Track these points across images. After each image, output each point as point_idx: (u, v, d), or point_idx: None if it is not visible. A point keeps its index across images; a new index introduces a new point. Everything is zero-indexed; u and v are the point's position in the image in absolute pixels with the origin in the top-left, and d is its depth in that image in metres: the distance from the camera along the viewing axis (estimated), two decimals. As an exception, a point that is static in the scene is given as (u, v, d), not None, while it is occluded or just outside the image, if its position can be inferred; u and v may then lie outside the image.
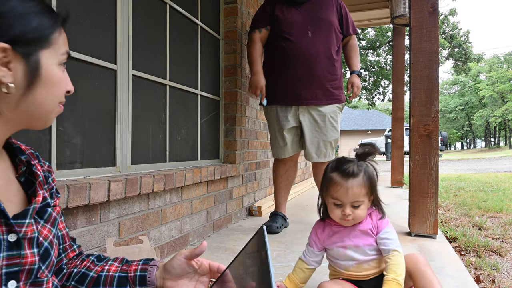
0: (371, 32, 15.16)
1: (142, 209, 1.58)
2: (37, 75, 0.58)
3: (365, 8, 4.72)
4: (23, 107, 0.59)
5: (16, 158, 0.67)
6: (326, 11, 2.23)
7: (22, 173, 0.67)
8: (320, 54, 2.17)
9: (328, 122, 2.24)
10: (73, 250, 0.80)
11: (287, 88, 2.22)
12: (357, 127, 30.91)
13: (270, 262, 0.56)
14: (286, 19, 2.21)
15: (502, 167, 10.88)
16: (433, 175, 2.07)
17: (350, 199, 1.09)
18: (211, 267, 0.79)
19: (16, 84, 0.56)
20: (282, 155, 2.35)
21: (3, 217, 0.56)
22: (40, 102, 0.60)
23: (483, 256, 2.12)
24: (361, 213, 1.11)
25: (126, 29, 1.59)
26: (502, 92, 38.90)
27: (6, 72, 0.55)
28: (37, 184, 0.67)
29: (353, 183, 1.08)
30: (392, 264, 1.06)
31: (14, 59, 0.55)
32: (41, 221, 0.65)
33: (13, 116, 0.59)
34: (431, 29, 2.09)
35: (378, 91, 15.98)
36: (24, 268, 0.58)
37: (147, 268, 0.78)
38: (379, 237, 1.12)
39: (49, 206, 0.69)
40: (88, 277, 0.76)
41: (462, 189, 5.16)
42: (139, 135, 1.70)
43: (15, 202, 0.63)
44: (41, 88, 0.59)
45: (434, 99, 2.07)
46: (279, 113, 2.28)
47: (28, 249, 0.59)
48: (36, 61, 0.58)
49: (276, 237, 2.15)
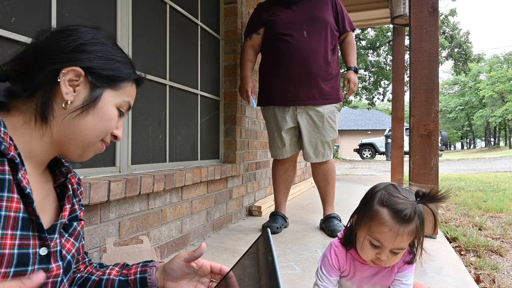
0: (371, 32, 15.16)
1: (142, 209, 1.58)
2: (94, 104, 0.65)
3: (365, 8, 4.72)
4: (70, 126, 0.63)
5: (56, 169, 0.71)
6: (321, 10, 2.22)
7: (60, 184, 0.71)
8: (316, 53, 2.16)
9: (326, 123, 2.23)
10: (84, 263, 0.82)
11: (284, 88, 2.22)
12: (357, 127, 30.92)
13: (278, 268, 0.54)
14: (281, 20, 2.21)
15: (502, 167, 10.88)
16: (433, 175, 2.07)
17: (394, 245, 0.88)
18: (213, 268, 0.79)
19: (73, 103, 0.63)
20: (280, 156, 2.35)
21: (38, 231, 0.58)
22: (85, 128, 0.65)
23: (483, 256, 2.12)
24: (397, 260, 0.93)
25: (126, 29, 1.59)
26: (502, 92, 38.90)
27: (71, 92, 0.63)
28: (66, 198, 0.70)
29: (405, 230, 0.87)
30: None
31: (82, 85, 0.64)
32: (66, 234, 0.68)
33: (58, 133, 0.63)
34: (431, 29, 2.09)
35: (378, 91, 15.97)
36: (48, 281, 0.60)
37: (146, 270, 0.78)
38: (397, 277, 0.98)
39: (76, 219, 0.72)
40: (90, 281, 0.78)
41: (462, 189, 5.16)
42: (139, 135, 1.70)
43: (49, 212, 0.67)
44: (92, 116, 0.65)
45: (434, 99, 2.07)
46: (277, 114, 2.28)
47: (54, 262, 0.61)
48: (99, 94, 0.65)
49: (276, 237, 2.15)
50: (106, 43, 0.67)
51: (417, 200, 0.90)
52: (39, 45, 0.63)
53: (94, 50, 0.65)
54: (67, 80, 0.62)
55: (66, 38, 0.63)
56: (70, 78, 0.62)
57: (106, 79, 0.66)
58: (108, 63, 0.66)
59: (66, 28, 0.66)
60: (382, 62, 15.24)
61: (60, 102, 0.62)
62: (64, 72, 0.61)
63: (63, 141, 0.65)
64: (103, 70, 0.65)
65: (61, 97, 0.62)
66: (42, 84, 0.61)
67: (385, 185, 0.94)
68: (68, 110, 0.63)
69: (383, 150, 17.37)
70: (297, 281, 1.45)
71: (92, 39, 0.65)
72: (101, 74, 0.65)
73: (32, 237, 0.57)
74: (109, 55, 0.67)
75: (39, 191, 0.64)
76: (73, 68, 0.62)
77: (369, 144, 18.86)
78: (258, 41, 2.33)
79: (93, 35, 0.66)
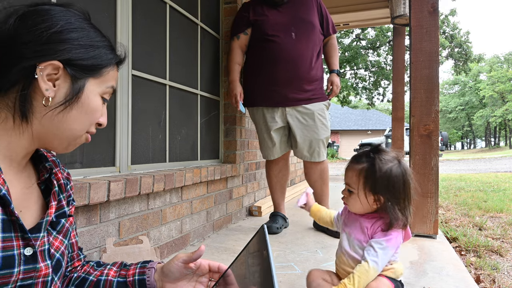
0: (371, 32, 15.15)
1: (142, 209, 1.58)
2: (77, 98, 0.61)
3: (365, 8, 4.72)
4: (53, 122, 0.60)
5: (40, 165, 0.67)
6: (307, 12, 2.22)
7: (44, 180, 0.67)
8: (304, 55, 2.16)
9: (318, 120, 2.22)
10: (79, 260, 0.80)
11: (272, 89, 2.21)
12: (357, 127, 30.91)
13: (272, 262, 0.56)
14: (269, 20, 2.19)
15: (502, 167, 10.88)
16: (433, 175, 2.07)
17: (346, 180, 1.11)
18: (211, 267, 0.79)
19: (55, 99, 0.59)
20: (271, 156, 2.34)
21: (21, 231, 0.56)
22: (70, 122, 0.61)
23: (483, 256, 2.12)
24: (351, 202, 1.09)
25: (126, 29, 1.59)
26: (502, 92, 38.90)
27: (51, 87, 0.58)
28: (52, 194, 0.66)
29: (354, 166, 1.09)
30: (355, 272, 1.01)
31: (62, 78, 0.59)
32: (54, 232, 0.65)
33: (40, 129, 0.60)
34: (431, 29, 2.09)
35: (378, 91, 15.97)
36: (38, 280, 0.59)
37: (145, 271, 0.77)
38: (369, 242, 1.05)
39: (64, 216, 0.69)
40: (87, 281, 0.76)
41: (462, 189, 5.15)
42: (139, 135, 1.70)
43: (34, 210, 0.64)
44: (76, 110, 0.61)
45: (434, 99, 2.07)
46: (265, 114, 2.26)
47: (42, 261, 0.59)
48: (81, 85, 0.61)
49: (276, 237, 2.14)
50: (82, 27, 0.61)
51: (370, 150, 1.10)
52: (6, 35, 0.56)
53: (71, 38, 0.59)
54: (45, 75, 0.57)
55: (37, 25, 0.57)
56: (48, 72, 0.57)
57: (87, 69, 0.61)
58: (87, 52, 0.60)
59: (35, 11, 0.58)
60: (382, 62, 15.23)
61: (40, 99, 0.58)
62: (41, 68, 0.56)
63: (46, 137, 0.61)
64: (83, 60, 0.60)
65: (41, 93, 0.57)
66: (17, 81, 0.56)
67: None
68: (49, 107, 0.58)
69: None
70: (296, 281, 1.45)
71: (66, 24, 0.59)
72: (81, 64, 0.60)
73: (15, 238, 0.55)
74: (87, 41, 0.61)
75: (19, 190, 0.61)
76: (50, 63, 0.57)
77: (369, 144, 18.82)
78: (246, 42, 2.30)
79: (67, 19, 0.60)
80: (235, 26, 2.33)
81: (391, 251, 1.04)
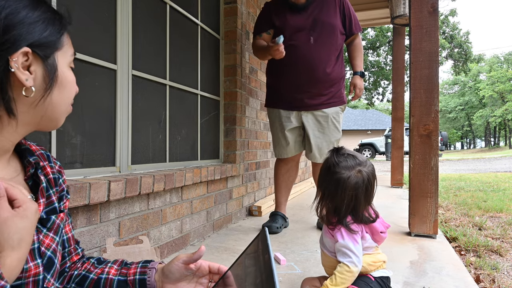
0: (371, 32, 15.16)
1: (142, 209, 1.58)
2: (55, 77, 0.60)
3: (365, 8, 4.73)
4: (40, 109, 0.60)
5: (25, 160, 0.65)
6: (328, 14, 2.21)
7: (30, 176, 0.65)
8: (322, 60, 2.16)
9: (331, 123, 2.24)
10: (77, 254, 0.79)
11: (290, 94, 2.23)
12: (357, 127, 30.92)
13: (274, 266, 0.56)
14: (289, 25, 2.20)
15: (502, 167, 10.88)
16: (433, 175, 2.07)
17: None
18: (211, 268, 0.78)
19: (36, 87, 0.58)
20: (284, 155, 2.36)
21: None
22: (56, 103, 0.62)
23: (483, 256, 2.12)
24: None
25: (126, 29, 1.59)
26: (502, 92, 38.89)
27: (28, 75, 0.56)
28: (39, 191, 0.65)
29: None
30: (336, 273, 1.10)
31: (34, 62, 0.57)
32: (44, 229, 0.63)
33: (28, 119, 0.59)
34: (431, 29, 2.09)
35: (377, 91, 15.98)
36: (29, 280, 0.57)
37: (146, 271, 0.77)
38: (336, 247, 1.15)
39: (54, 212, 0.67)
40: (88, 279, 0.76)
41: (462, 189, 5.16)
42: (139, 135, 1.70)
43: None
44: (57, 90, 0.61)
45: (434, 99, 2.07)
46: (282, 114, 2.30)
47: (31, 261, 0.58)
48: (54, 63, 0.60)
49: (276, 237, 2.15)
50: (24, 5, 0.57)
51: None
52: None
53: (25, 18, 0.55)
54: (20, 65, 0.55)
55: None
56: (21, 61, 0.55)
57: (51, 44, 0.59)
58: (45, 27, 0.58)
59: None
60: (382, 62, 15.24)
61: (19, 90, 0.56)
62: (15, 60, 0.54)
63: (35, 123, 0.61)
64: (46, 38, 0.58)
65: (19, 84, 0.55)
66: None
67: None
68: (33, 98, 0.57)
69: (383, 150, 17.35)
70: (297, 281, 1.45)
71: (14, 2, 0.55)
72: (45, 41, 0.57)
73: None
74: (40, 15, 0.58)
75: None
76: (20, 52, 0.54)
77: (369, 144, 18.84)
78: (269, 39, 2.31)
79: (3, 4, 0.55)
80: (258, 26, 2.34)
81: (356, 244, 1.12)
